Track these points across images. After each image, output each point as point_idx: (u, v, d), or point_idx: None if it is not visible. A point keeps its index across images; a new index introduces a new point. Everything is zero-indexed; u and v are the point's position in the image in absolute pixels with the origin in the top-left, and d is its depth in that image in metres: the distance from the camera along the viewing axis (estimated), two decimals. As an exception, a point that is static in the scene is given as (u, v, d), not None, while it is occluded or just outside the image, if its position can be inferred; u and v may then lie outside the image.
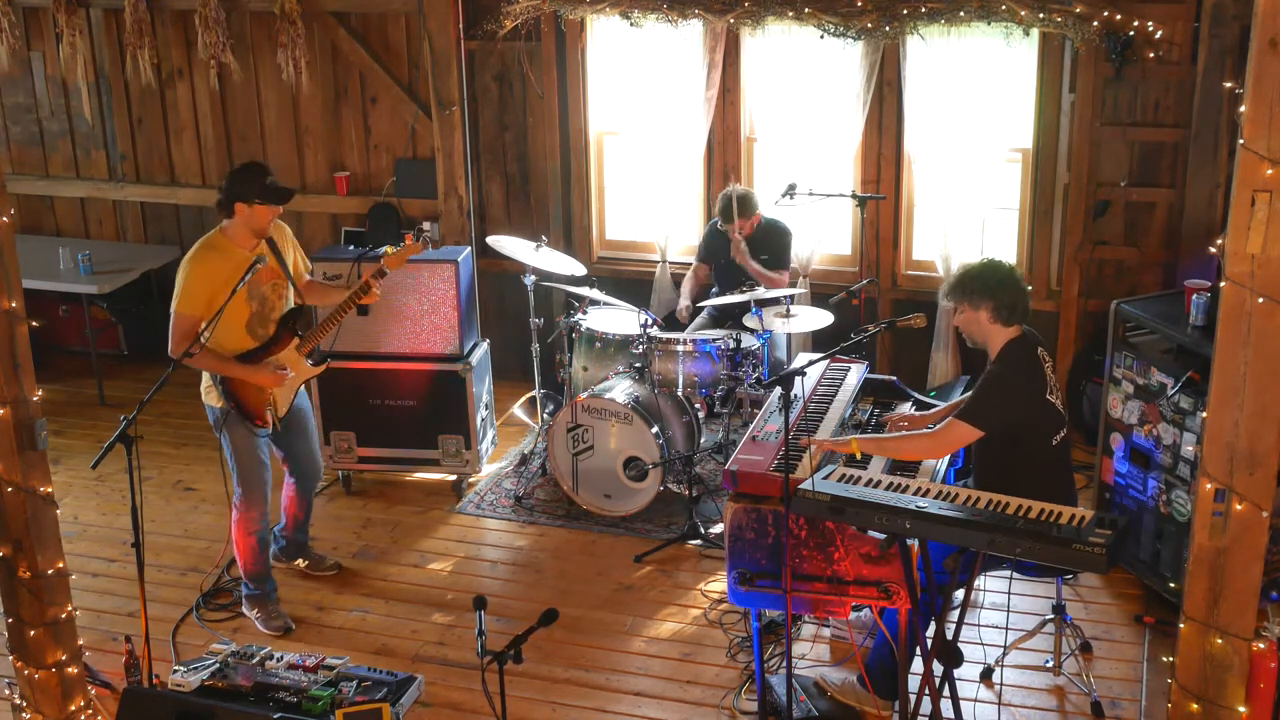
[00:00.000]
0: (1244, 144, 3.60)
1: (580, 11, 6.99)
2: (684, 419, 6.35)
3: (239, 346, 5.24)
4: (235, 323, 5.19)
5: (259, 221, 5.15)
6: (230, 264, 5.10)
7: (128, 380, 8.16)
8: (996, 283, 4.56)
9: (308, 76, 7.72)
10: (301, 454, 5.61)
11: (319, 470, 5.79)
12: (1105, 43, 6.36)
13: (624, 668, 5.22)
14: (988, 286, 4.55)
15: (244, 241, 5.18)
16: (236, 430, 5.28)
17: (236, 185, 5.13)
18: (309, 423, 5.64)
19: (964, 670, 4.60)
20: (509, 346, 7.58)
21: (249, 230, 5.17)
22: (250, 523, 5.42)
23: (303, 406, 5.57)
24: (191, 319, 5.09)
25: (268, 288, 5.27)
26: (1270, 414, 3.77)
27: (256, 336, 5.28)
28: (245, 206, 5.11)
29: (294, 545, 5.91)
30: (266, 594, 5.56)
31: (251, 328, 5.25)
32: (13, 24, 8.14)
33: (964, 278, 4.65)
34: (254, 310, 5.24)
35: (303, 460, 5.63)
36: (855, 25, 6.53)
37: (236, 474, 5.37)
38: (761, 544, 4.31)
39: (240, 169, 5.27)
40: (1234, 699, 4.04)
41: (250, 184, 5.12)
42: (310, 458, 5.67)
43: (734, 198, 6.68)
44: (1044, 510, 3.90)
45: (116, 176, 8.48)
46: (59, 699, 4.62)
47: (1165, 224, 6.74)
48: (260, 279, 5.21)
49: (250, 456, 5.34)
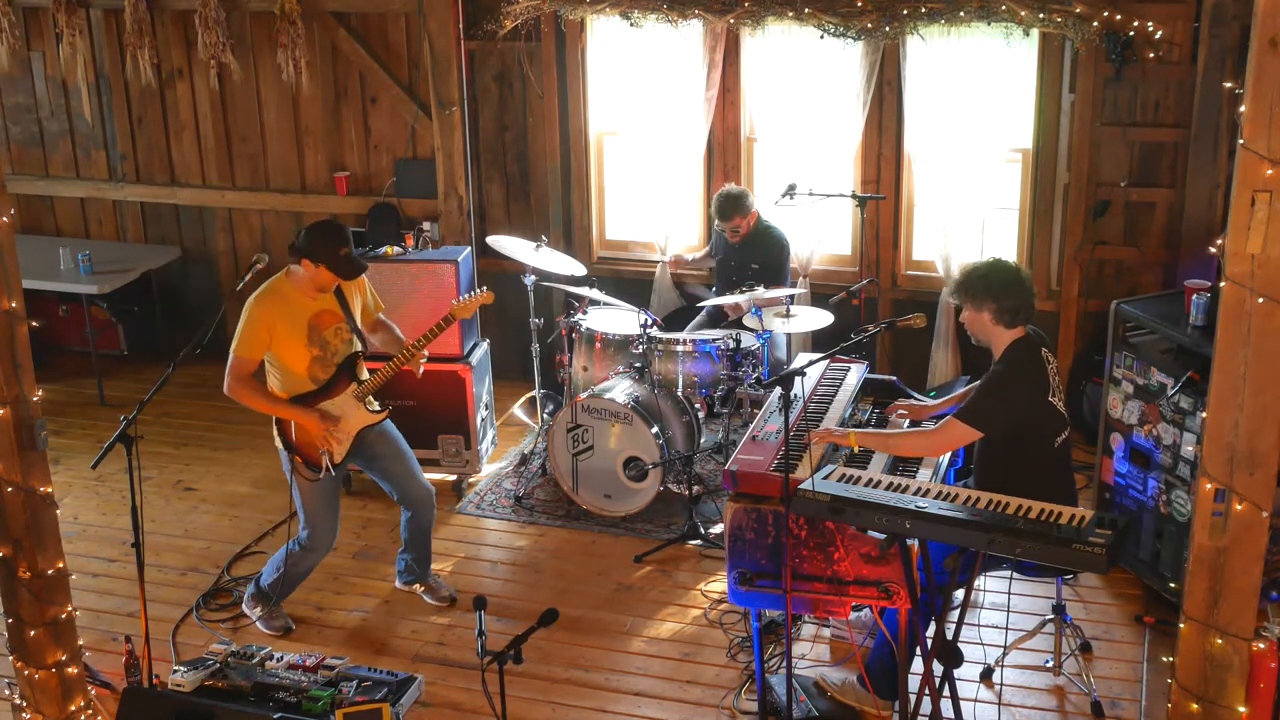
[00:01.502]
0: (1244, 144, 3.61)
1: (580, 11, 6.99)
2: (684, 419, 6.35)
3: (299, 390, 5.17)
4: (295, 367, 5.14)
5: (323, 281, 5.08)
6: (291, 310, 5.07)
7: (128, 380, 8.16)
8: (1000, 285, 4.54)
9: (308, 76, 7.73)
10: (399, 477, 5.44)
11: (428, 494, 5.53)
12: (1105, 43, 6.36)
13: (624, 668, 5.22)
14: (990, 289, 4.54)
15: (307, 290, 5.11)
16: (298, 473, 5.25)
17: (312, 243, 5.02)
18: (398, 447, 5.45)
19: (964, 670, 4.60)
20: (509, 346, 7.58)
21: (311, 283, 5.10)
22: (301, 559, 5.38)
23: (385, 431, 5.40)
24: (247, 361, 5.06)
25: (329, 332, 5.18)
26: (1270, 414, 3.77)
27: (316, 381, 5.19)
28: (313, 266, 5.03)
29: (410, 571, 5.73)
30: (275, 601, 5.52)
31: (313, 372, 5.17)
32: (13, 24, 8.14)
33: (968, 278, 4.63)
34: (315, 355, 5.15)
35: (403, 484, 5.45)
36: (855, 25, 6.53)
37: (304, 516, 5.33)
38: (761, 544, 4.31)
39: (323, 229, 5.12)
40: (1234, 699, 4.04)
41: (326, 249, 5.01)
42: (409, 479, 5.47)
43: (723, 195, 6.72)
44: (1044, 510, 3.90)
45: (116, 176, 8.48)
46: (59, 699, 4.62)
47: (1165, 224, 6.74)
48: (322, 323, 5.15)
49: (313, 499, 5.28)
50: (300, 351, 5.12)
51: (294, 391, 5.17)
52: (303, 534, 5.36)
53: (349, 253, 5.07)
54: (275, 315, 5.05)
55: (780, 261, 6.84)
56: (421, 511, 5.54)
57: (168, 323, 8.41)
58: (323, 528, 5.34)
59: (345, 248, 5.05)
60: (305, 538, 5.35)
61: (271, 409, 5.17)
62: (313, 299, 5.12)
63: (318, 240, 5.03)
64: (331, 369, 5.22)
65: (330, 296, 5.17)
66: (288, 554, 5.38)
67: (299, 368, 5.15)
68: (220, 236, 8.40)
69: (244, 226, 8.36)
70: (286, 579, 5.43)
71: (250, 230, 8.34)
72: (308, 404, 5.17)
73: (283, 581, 5.44)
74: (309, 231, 5.08)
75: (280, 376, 5.17)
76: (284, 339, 5.07)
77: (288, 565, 5.38)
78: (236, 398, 5.09)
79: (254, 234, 8.33)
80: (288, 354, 5.10)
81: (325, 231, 5.09)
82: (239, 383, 5.06)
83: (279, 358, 5.13)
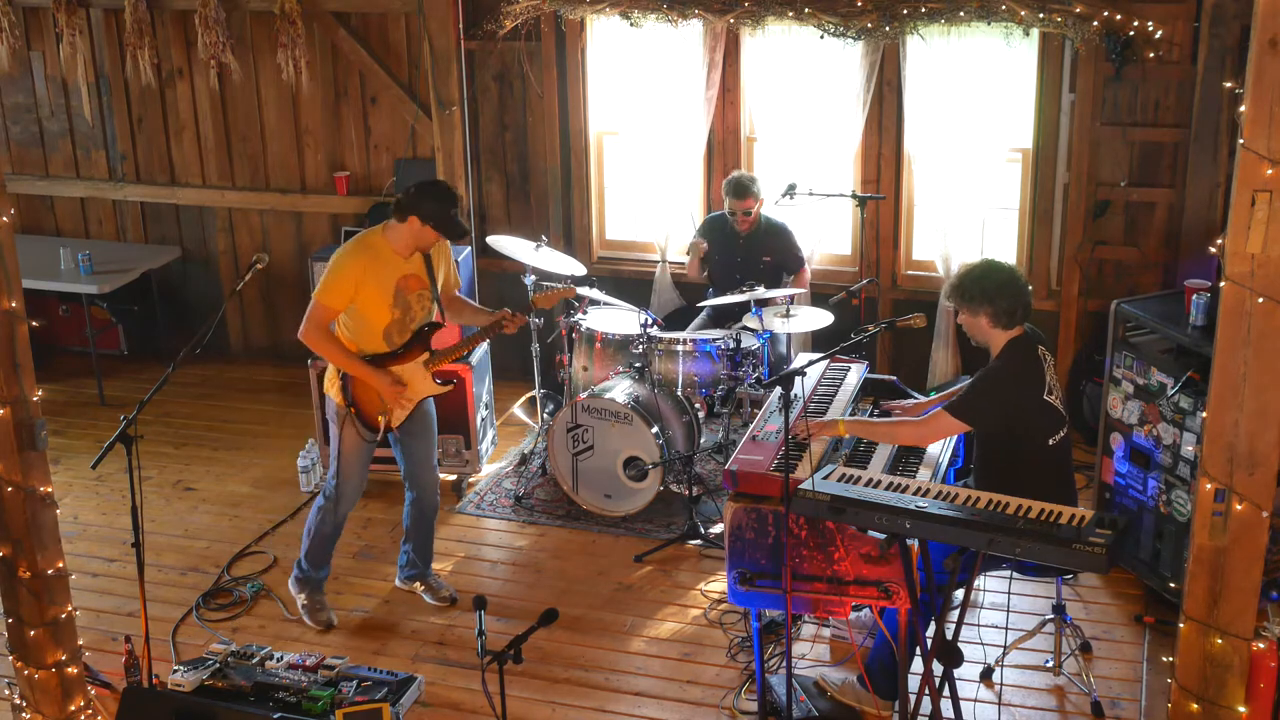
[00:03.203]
0: (1244, 144, 3.61)
1: (580, 11, 6.99)
2: (684, 419, 6.35)
3: (373, 349, 5.15)
4: (374, 325, 5.11)
5: (425, 240, 5.06)
6: (382, 266, 5.04)
7: (128, 380, 8.16)
8: (995, 288, 4.53)
9: (308, 76, 7.72)
10: (419, 458, 5.43)
11: (436, 481, 5.56)
12: (1105, 43, 6.36)
13: (624, 668, 5.22)
14: (985, 292, 4.54)
15: (403, 249, 5.07)
16: (348, 428, 5.21)
17: (423, 200, 4.97)
18: (430, 427, 5.45)
19: (964, 670, 4.60)
20: (509, 346, 7.58)
21: (412, 242, 5.06)
22: (329, 514, 5.36)
23: (427, 409, 5.40)
24: (330, 310, 5.04)
25: (413, 297, 5.15)
26: (1270, 414, 3.77)
27: (391, 343, 5.18)
28: (419, 223, 4.99)
29: (412, 565, 5.70)
30: (318, 580, 5.52)
31: (389, 334, 5.15)
32: (13, 24, 8.14)
33: (963, 282, 4.63)
34: (395, 317, 5.13)
35: (420, 465, 5.44)
36: (855, 25, 6.53)
37: (336, 467, 5.29)
38: (761, 544, 4.31)
39: (433, 186, 5.07)
40: (1234, 699, 4.05)
41: (437, 208, 4.97)
42: (425, 463, 5.46)
43: (737, 176, 6.75)
44: (1044, 510, 3.90)
45: (116, 176, 8.47)
46: (59, 699, 4.62)
47: (1165, 224, 6.74)
48: (409, 287, 5.12)
49: (354, 457, 5.27)
50: (383, 311, 5.08)
51: (364, 348, 5.13)
52: (330, 484, 5.32)
53: (458, 215, 5.04)
54: (366, 269, 5.01)
55: (790, 243, 6.88)
56: (426, 495, 5.52)
57: (168, 323, 8.41)
58: (353, 481, 5.32)
59: (455, 208, 5.03)
60: (332, 488, 5.32)
61: (345, 363, 5.11)
62: (405, 259, 5.09)
63: (430, 198, 4.98)
64: (408, 334, 5.20)
65: (420, 261, 5.13)
66: (319, 509, 5.37)
67: (378, 326, 5.11)
68: (220, 236, 8.40)
69: (244, 226, 8.35)
70: (314, 539, 5.40)
71: (250, 230, 8.34)
72: (381, 365, 5.14)
73: (315, 546, 5.41)
74: (420, 189, 5.01)
75: (354, 330, 5.11)
76: (370, 295, 5.02)
77: (316, 524, 5.37)
78: (311, 344, 5.06)
79: (254, 234, 8.33)
80: (371, 311, 5.05)
81: (438, 191, 5.04)
82: (316, 330, 5.02)
83: (361, 311, 5.08)
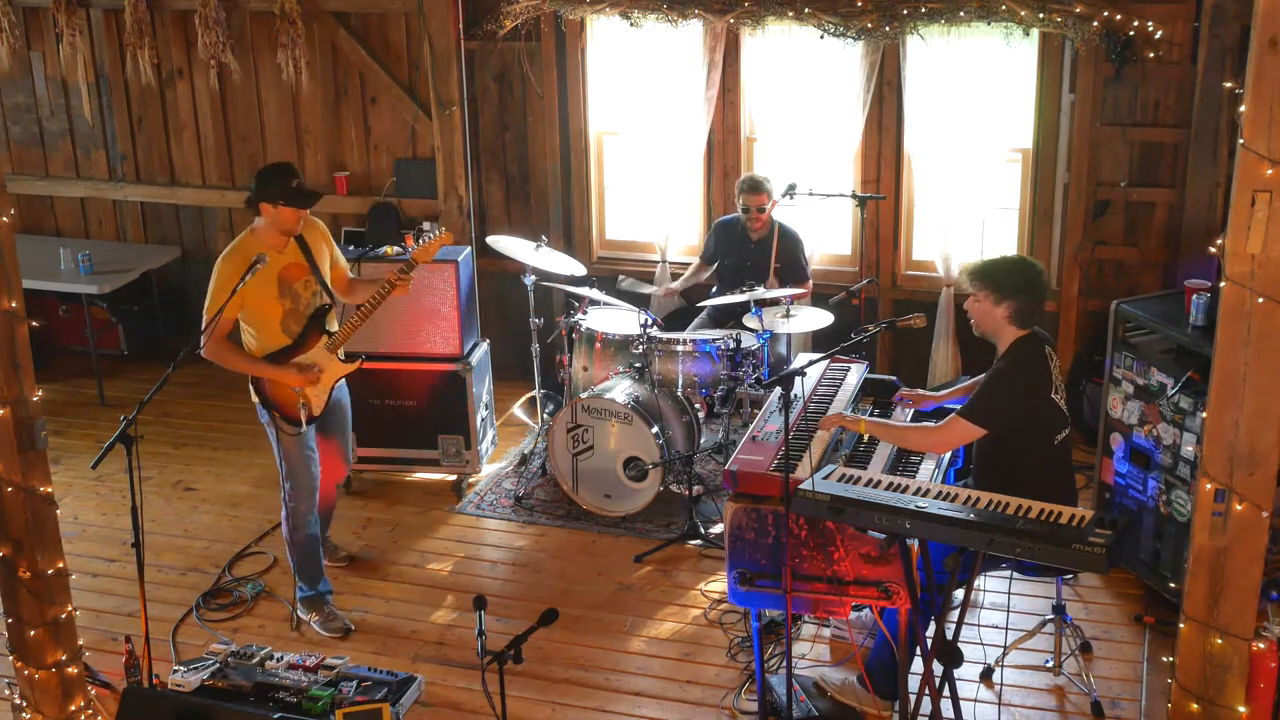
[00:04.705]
0: (1244, 144, 3.61)
1: (580, 11, 6.99)
2: (684, 419, 6.35)
3: (275, 345, 5.23)
4: (269, 321, 5.20)
5: (286, 223, 5.14)
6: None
7: (128, 380, 8.16)
8: (1025, 283, 4.53)
9: (308, 76, 7.73)
10: (330, 443, 5.55)
11: (344, 462, 5.73)
12: (1105, 43, 6.36)
13: (624, 668, 5.22)
14: (1016, 287, 4.52)
15: (273, 242, 5.16)
16: (278, 429, 5.30)
17: (263, 185, 5.11)
18: (344, 417, 5.60)
19: (964, 670, 4.60)
20: (509, 346, 7.58)
21: (276, 230, 5.16)
22: (298, 517, 5.41)
23: (341, 400, 5.54)
24: (224, 320, 5.09)
25: (299, 285, 5.24)
26: (1270, 414, 3.77)
27: (290, 334, 5.26)
28: (271, 208, 5.10)
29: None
30: (322, 595, 5.55)
31: (286, 325, 5.24)
32: (13, 24, 8.14)
33: (995, 269, 4.60)
34: (287, 308, 5.22)
35: (330, 450, 5.56)
36: (855, 25, 6.53)
37: (285, 470, 5.37)
38: (761, 544, 4.31)
39: (267, 170, 5.21)
40: (1234, 699, 4.04)
41: (276, 186, 5.09)
42: (336, 449, 5.59)
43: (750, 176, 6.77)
44: (1044, 510, 3.90)
45: (116, 176, 8.48)
46: (59, 699, 4.62)
47: (1165, 224, 6.74)
48: (291, 276, 5.21)
49: (293, 454, 5.34)
50: (273, 305, 5.17)
51: (269, 348, 5.22)
52: (285, 486, 5.39)
53: (300, 183, 5.14)
54: (239, 272, 5.05)
55: (799, 254, 6.89)
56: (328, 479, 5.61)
57: (168, 323, 8.41)
58: (302, 474, 5.37)
59: (295, 179, 5.13)
60: (289, 491, 5.39)
61: (249, 368, 5.22)
62: (280, 250, 5.17)
63: (268, 180, 5.13)
64: (303, 321, 5.27)
65: (296, 249, 5.23)
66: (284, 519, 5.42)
67: (273, 321, 5.20)
68: (220, 236, 8.40)
69: (244, 226, 8.22)
70: (296, 551, 5.44)
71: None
72: (283, 359, 5.23)
73: (300, 558, 5.46)
74: (258, 178, 5.17)
75: (256, 334, 5.21)
76: (256, 294, 5.09)
77: (290, 532, 5.42)
78: (213, 358, 5.14)
79: (254, 234, 8.33)
80: (262, 308, 5.14)
81: (273, 171, 5.19)
82: (215, 343, 5.10)
83: (253, 312, 5.17)
